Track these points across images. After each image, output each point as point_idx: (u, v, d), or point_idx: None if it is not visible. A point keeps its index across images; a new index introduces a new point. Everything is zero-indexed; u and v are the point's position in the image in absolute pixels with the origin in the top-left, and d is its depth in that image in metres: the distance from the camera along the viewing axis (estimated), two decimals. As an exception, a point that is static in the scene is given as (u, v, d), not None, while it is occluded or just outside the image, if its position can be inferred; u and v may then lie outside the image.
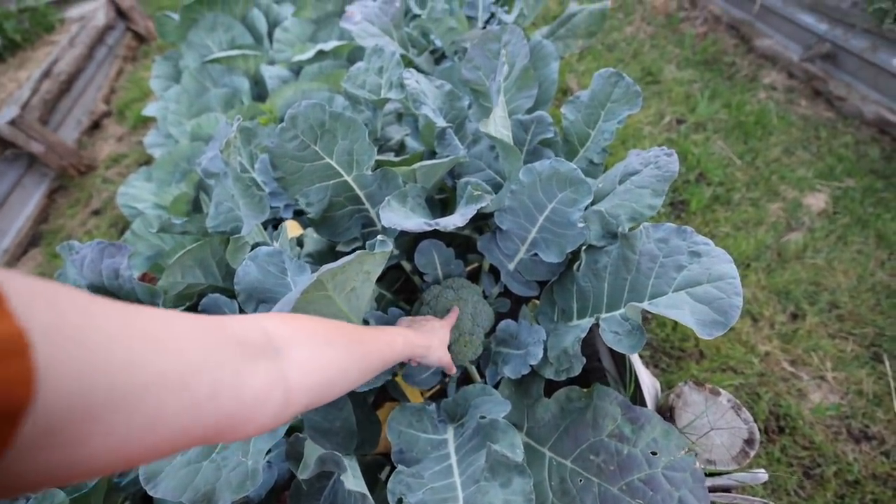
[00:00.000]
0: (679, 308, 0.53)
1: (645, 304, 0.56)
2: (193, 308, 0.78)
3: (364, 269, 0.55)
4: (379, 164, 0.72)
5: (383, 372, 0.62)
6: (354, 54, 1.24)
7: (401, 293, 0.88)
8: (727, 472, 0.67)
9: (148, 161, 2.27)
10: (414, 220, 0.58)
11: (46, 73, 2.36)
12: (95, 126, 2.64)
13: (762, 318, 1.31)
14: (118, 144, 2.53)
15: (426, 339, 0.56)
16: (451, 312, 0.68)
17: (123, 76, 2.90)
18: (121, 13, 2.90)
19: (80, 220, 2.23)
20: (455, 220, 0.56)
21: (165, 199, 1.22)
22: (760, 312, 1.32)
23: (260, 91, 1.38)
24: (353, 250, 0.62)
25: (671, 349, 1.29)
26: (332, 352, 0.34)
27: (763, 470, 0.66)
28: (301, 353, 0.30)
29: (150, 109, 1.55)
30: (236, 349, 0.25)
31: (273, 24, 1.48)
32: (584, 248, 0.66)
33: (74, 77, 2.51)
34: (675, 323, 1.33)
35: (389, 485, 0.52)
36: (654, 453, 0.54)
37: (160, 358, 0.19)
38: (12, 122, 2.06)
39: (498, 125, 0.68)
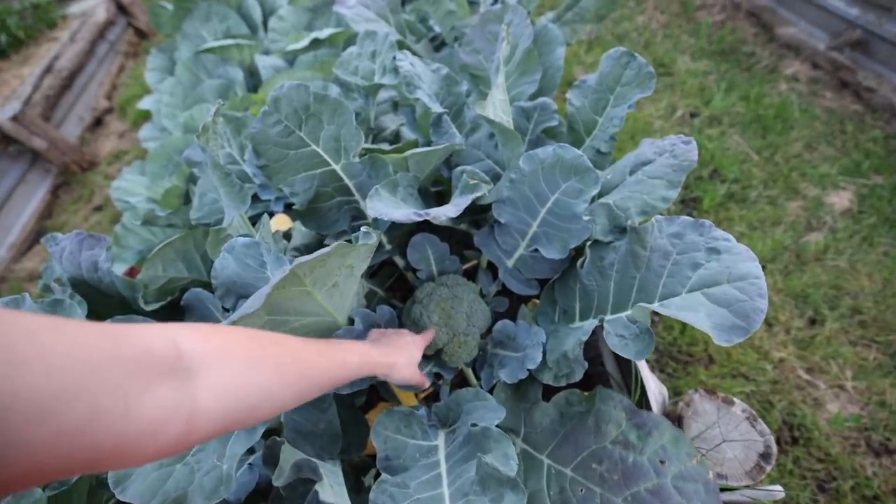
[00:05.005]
0: (694, 310, 0.48)
1: (655, 306, 0.50)
2: (176, 303, 0.74)
3: (346, 264, 0.51)
4: (369, 152, 0.67)
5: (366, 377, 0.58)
6: (350, 42, 1.20)
7: (394, 290, 0.83)
8: (739, 488, 0.62)
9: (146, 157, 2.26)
10: (403, 211, 0.53)
11: (48, 70, 2.36)
12: (98, 122, 2.64)
13: (777, 322, 1.24)
14: (120, 141, 2.53)
15: (390, 357, 0.51)
16: (427, 331, 0.63)
17: (125, 72, 2.90)
18: (122, 8, 2.90)
19: (83, 215, 2.24)
20: (447, 211, 0.52)
21: (157, 192, 1.20)
22: (776, 317, 1.25)
23: (255, 82, 1.35)
24: (339, 244, 0.58)
25: (678, 353, 1.23)
26: (256, 373, 0.30)
27: (779, 487, 0.61)
28: (217, 373, 0.27)
29: (145, 102, 1.53)
30: (131, 367, 0.21)
31: (268, 13, 1.44)
32: (588, 243, 0.61)
33: (76, 73, 2.51)
34: (684, 326, 1.26)
35: (372, 495, 0.48)
36: (662, 462, 0.49)
37: (18, 378, 0.15)
38: (14, 118, 2.06)
39: (497, 109, 0.63)
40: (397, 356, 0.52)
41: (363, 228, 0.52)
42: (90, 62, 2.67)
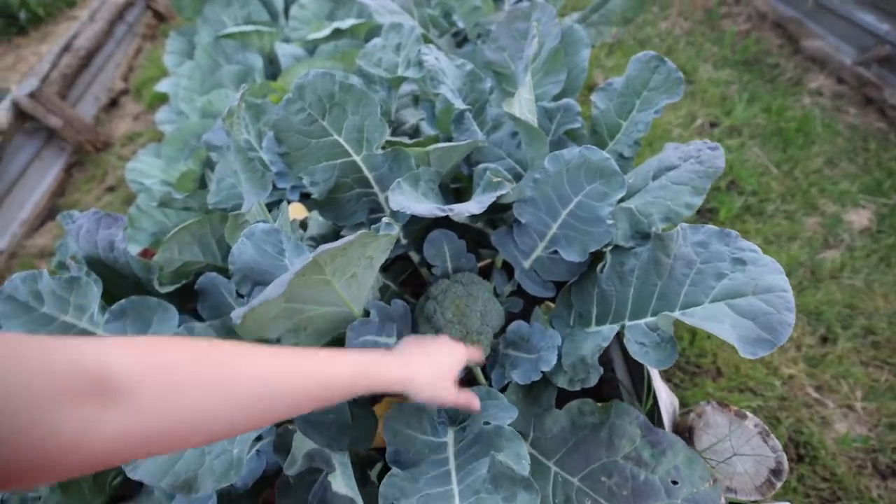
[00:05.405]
0: (718, 321, 0.47)
1: (677, 314, 0.50)
2: (190, 286, 0.74)
3: (367, 254, 0.51)
4: (390, 145, 0.67)
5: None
6: (372, 34, 1.19)
7: (407, 286, 0.83)
8: (748, 503, 0.61)
9: (162, 139, 2.27)
10: (426, 205, 0.53)
11: (66, 48, 2.38)
12: (113, 103, 2.65)
13: (789, 339, 1.22)
14: (134, 123, 2.54)
15: (405, 369, 0.43)
16: (474, 347, 0.55)
17: (142, 54, 2.91)
18: (142, -11, 2.90)
19: (96, 195, 2.25)
20: (471, 207, 0.51)
21: (173, 175, 1.20)
22: (788, 331, 1.23)
23: (274, 70, 1.34)
24: (358, 235, 0.57)
25: (686, 364, 1.22)
26: (197, 395, 0.28)
27: (789, 502, 0.60)
28: (147, 395, 0.25)
29: (162, 85, 1.54)
30: (56, 385, 0.21)
31: (290, 1, 1.43)
32: (609, 248, 0.60)
33: (94, 53, 2.53)
34: (693, 337, 1.25)
35: (382, 488, 0.48)
36: (674, 482, 0.49)
37: None
38: (32, 95, 2.08)
39: (523, 108, 0.62)
40: (418, 367, 0.44)
41: (385, 220, 0.51)
42: (108, 42, 2.68)
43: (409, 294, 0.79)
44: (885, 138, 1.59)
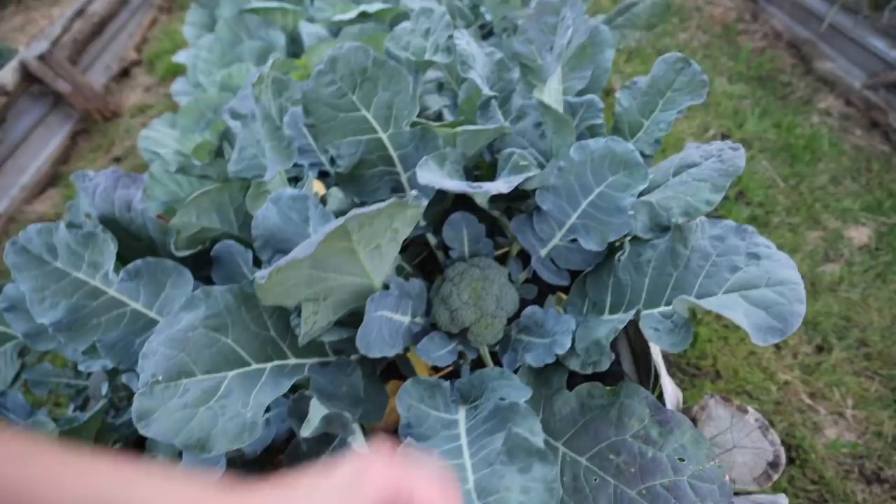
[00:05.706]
0: (732, 309, 0.49)
1: (693, 300, 0.51)
2: (206, 253, 0.75)
3: (393, 226, 0.51)
4: (418, 125, 0.67)
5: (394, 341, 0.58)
6: (398, 19, 1.20)
7: (420, 268, 0.84)
8: (746, 493, 0.63)
9: (174, 112, 2.25)
10: (454, 182, 0.54)
11: (80, 13, 2.35)
12: (124, 73, 2.62)
13: (786, 346, 1.26)
14: (145, 94, 2.52)
15: None
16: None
17: (157, 26, 2.88)
18: (161, -39, 2.87)
19: (101, 165, 2.23)
20: (499, 186, 0.52)
21: (188, 146, 1.20)
22: (784, 341, 1.26)
23: (296, 49, 1.34)
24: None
25: (687, 365, 1.24)
26: None
27: (783, 494, 0.63)
28: None
29: (180, 56, 1.53)
30: None
31: (316, -19, 1.43)
32: (628, 238, 0.61)
33: (107, 20, 2.50)
34: (694, 339, 1.28)
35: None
36: (681, 460, 0.50)
37: None
38: (41, 58, 2.04)
39: (552, 97, 0.63)
40: None
41: (413, 192, 0.52)
42: (123, 11, 2.65)
43: (422, 277, 0.80)
44: (887, 160, 1.63)
